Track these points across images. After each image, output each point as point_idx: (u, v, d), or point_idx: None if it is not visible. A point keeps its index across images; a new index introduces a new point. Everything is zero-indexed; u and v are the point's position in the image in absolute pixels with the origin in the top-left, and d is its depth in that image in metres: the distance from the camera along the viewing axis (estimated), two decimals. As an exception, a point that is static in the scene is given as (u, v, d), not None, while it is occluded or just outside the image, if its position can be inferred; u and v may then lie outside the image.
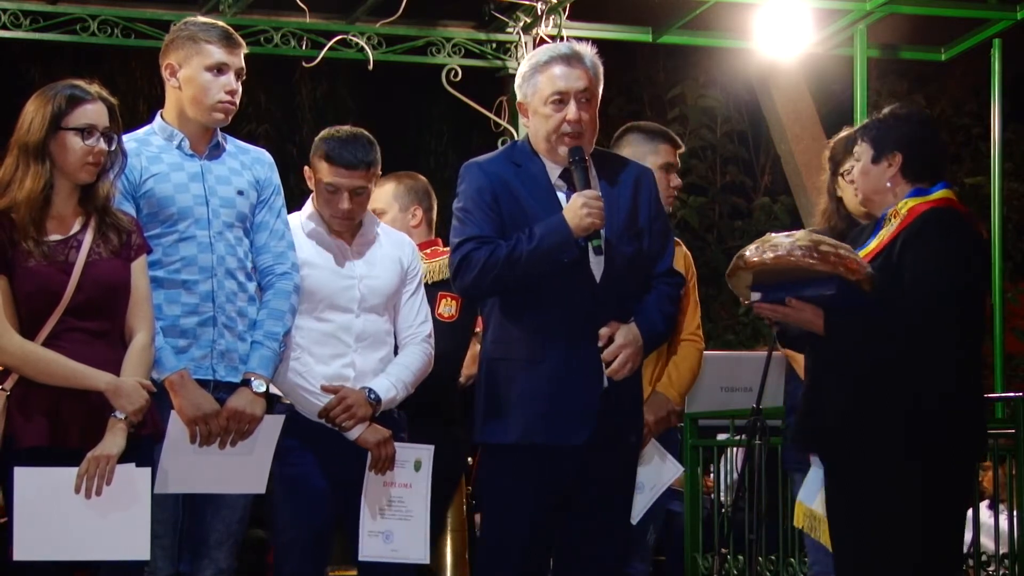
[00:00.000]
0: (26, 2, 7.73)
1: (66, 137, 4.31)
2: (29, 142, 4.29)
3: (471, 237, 4.44)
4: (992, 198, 8.59)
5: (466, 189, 4.52)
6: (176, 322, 4.51)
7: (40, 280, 4.27)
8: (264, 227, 4.69)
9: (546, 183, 4.51)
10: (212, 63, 4.61)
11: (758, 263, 4.37)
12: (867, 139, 4.61)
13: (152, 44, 8.03)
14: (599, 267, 4.45)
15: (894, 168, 4.57)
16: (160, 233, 4.54)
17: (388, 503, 4.80)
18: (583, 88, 4.50)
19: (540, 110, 4.51)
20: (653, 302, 4.54)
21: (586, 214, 4.36)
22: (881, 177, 4.58)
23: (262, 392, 4.53)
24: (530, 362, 4.43)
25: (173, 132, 4.64)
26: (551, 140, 4.49)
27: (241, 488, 4.59)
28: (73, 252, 4.31)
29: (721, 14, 8.50)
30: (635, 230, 4.53)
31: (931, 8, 8.53)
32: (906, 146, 4.57)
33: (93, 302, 4.31)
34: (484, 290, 4.49)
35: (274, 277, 4.67)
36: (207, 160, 4.64)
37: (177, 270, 4.54)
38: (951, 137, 12.59)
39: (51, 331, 4.27)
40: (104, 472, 4.22)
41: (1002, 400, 7.92)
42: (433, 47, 8.30)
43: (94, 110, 4.34)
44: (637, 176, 4.62)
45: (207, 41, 4.62)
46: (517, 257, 4.38)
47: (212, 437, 4.45)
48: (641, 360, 4.49)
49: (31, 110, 4.33)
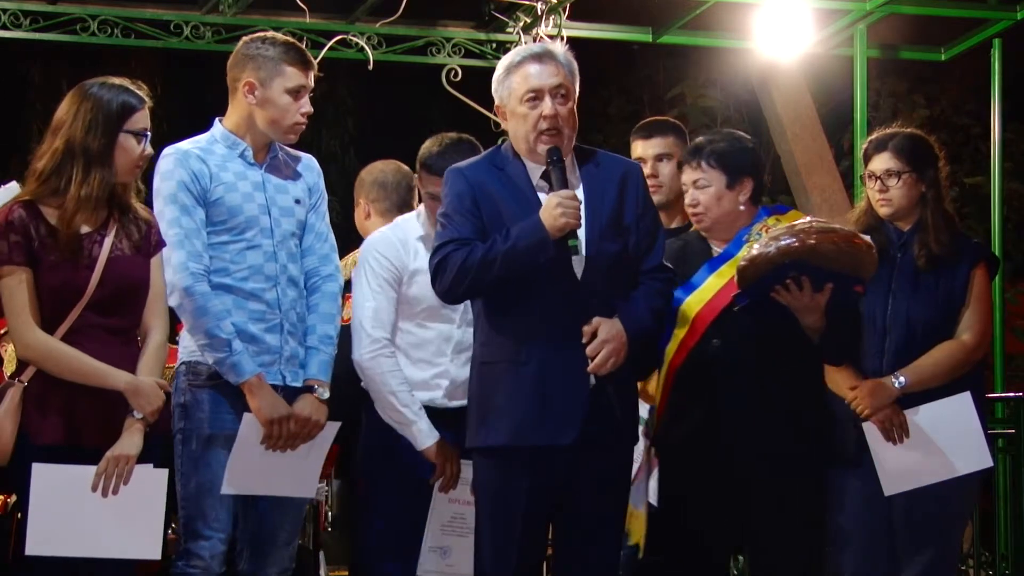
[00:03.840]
0: (26, 2, 7.73)
1: (126, 140, 4.37)
2: (91, 147, 4.32)
3: (449, 240, 4.45)
4: (992, 198, 8.60)
5: (448, 194, 4.53)
6: (245, 328, 4.56)
7: (64, 275, 4.28)
8: (310, 230, 4.77)
9: (527, 185, 4.51)
10: (293, 87, 4.67)
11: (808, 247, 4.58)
12: (717, 165, 4.83)
13: (152, 44, 8.08)
14: (580, 265, 4.44)
15: (746, 193, 4.83)
16: (228, 241, 4.60)
17: (451, 519, 4.87)
18: (557, 84, 4.50)
19: (517, 110, 4.52)
20: (640, 297, 4.52)
21: (560, 214, 4.36)
22: (735, 201, 4.83)
23: (326, 399, 4.61)
24: (515, 364, 4.43)
25: (236, 141, 4.70)
26: (530, 139, 4.49)
27: (295, 492, 4.66)
28: (96, 247, 4.33)
29: (721, 14, 8.51)
30: (620, 227, 4.52)
31: (931, 8, 8.53)
32: (755, 172, 4.87)
33: (114, 298, 4.34)
34: (461, 292, 4.49)
35: (319, 279, 4.74)
36: (266, 170, 4.71)
37: (245, 278, 4.60)
38: (951, 137, 12.58)
39: (70, 326, 4.28)
40: (123, 472, 4.26)
41: (1002, 400, 7.94)
42: (433, 47, 8.31)
43: (145, 116, 4.43)
44: (623, 172, 4.60)
45: (288, 63, 4.67)
46: (493, 258, 4.38)
47: (283, 440, 4.52)
48: (627, 355, 4.47)
49: (80, 112, 4.35)
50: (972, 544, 7.50)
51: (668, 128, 5.53)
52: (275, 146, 4.75)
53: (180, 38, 7.89)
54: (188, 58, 11.10)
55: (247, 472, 4.52)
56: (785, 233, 4.62)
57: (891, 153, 5.07)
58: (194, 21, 7.90)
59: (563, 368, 4.41)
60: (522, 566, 4.48)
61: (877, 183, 5.05)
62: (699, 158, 4.86)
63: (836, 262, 4.62)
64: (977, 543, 7.54)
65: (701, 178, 4.84)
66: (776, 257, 4.59)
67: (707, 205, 4.84)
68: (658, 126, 5.55)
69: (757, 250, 4.63)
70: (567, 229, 4.37)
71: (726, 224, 4.85)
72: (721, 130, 5.00)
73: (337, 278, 4.77)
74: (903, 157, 5.05)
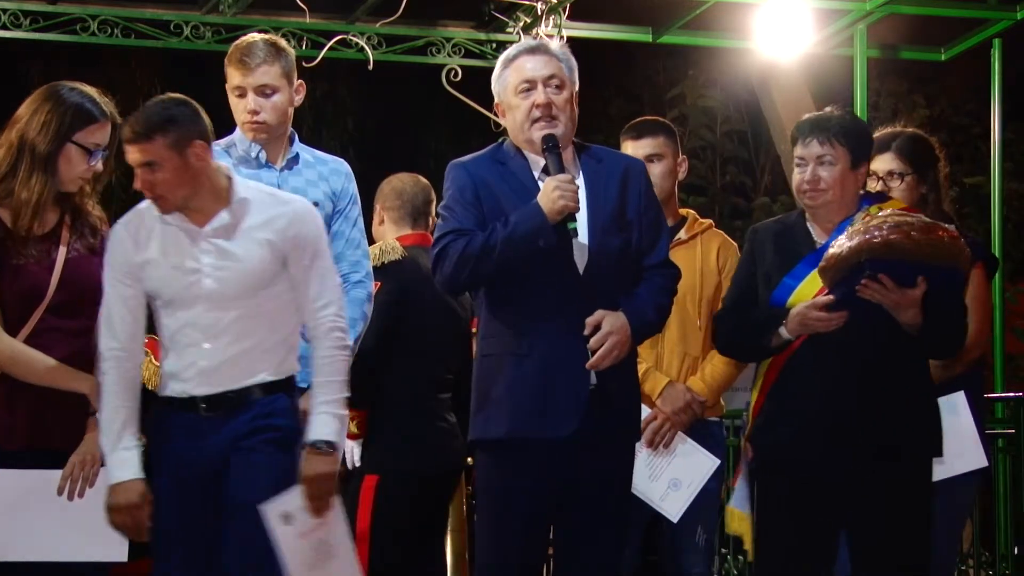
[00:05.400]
0: (26, 2, 7.73)
1: (72, 151, 4.29)
2: (38, 149, 4.26)
3: (449, 231, 4.45)
4: (992, 198, 8.60)
5: (449, 187, 4.53)
6: None
7: (27, 278, 4.25)
8: (339, 236, 4.79)
9: (529, 180, 4.50)
10: (233, 87, 4.76)
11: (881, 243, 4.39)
12: (845, 143, 4.61)
13: (152, 44, 8.07)
14: (583, 259, 4.44)
15: (863, 178, 4.65)
16: None
17: (313, 552, 4.22)
18: (549, 75, 4.50)
19: (512, 102, 4.53)
20: (645, 292, 4.51)
21: (558, 196, 4.35)
22: (857, 183, 4.64)
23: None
24: (516, 356, 4.42)
25: (250, 145, 4.76)
26: (525, 129, 4.50)
27: None
28: (54, 248, 4.29)
29: (721, 14, 8.50)
30: (622, 222, 4.51)
31: (931, 8, 8.52)
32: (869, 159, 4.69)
33: (73, 300, 4.29)
34: (462, 281, 4.48)
35: (348, 285, 4.74)
36: (284, 171, 4.72)
37: None
38: (951, 137, 12.59)
39: (32, 329, 4.25)
40: (88, 475, 4.23)
41: (1002, 400, 7.94)
42: (433, 47, 8.31)
43: (102, 133, 4.33)
44: (626, 168, 4.60)
45: (229, 65, 4.76)
46: (492, 245, 4.37)
47: None
48: (629, 350, 4.46)
49: (41, 111, 4.28)
50: (972, 544, 7.51)
51: (658, 128, 5.48)
52: (296, 148, 4.80)
53: (180, 38, 7.88)
54: (188, 58, 11.09)
55: None
56: (860, 230, 4.45)
57: (894, 154, 5.06)
58: (194, 21, 7.89)
59: (564, 361, 4.40)
60: (522, 566, 4.48)
61: (879, 183, 5.04)
62: (827, 133, 4.59)
63: (919, 254, 4.41)
64: (977, 543, 7.54)
65: (828, 154, 4.58)
66: (850, 256, 4.42)
67: (830, 184, 4.58)
68: (648, 126, 5.49)
69: (834, 249, 4.47)
70: (565, 212, 4.36)
71: (837, 207, 4.62)
72: (839, 108, 4.78)
73: (367, 284, 4.80)
74: (906, 158, 5.05)
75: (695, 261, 5.30)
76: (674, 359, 5.23)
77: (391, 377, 5.44)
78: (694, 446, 5.23)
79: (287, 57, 4.81)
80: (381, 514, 5.40)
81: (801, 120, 4.74)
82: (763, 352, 4.65)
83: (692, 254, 5.30)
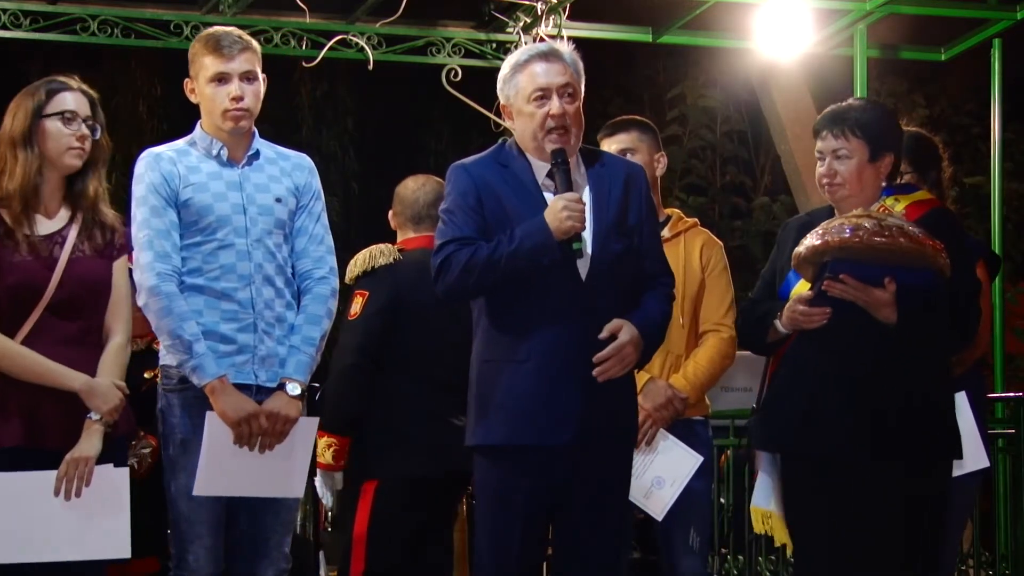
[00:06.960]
0: (26, 2, 7.74)
1: (48, 124, 4.33)
2: (15, 133, 4.32)
3: (452, 239, 4.44)
4: (992, 198, 8.60)
5: (451, 191, 4.53)
6: (216, 328, 4.54)
7: (24, 274, 4.26)
8: (303, 232, 4.74)
9: (532, 183, 4.50)
10: (213, 75, 4.68)
11: (857, 241, 4.32)
12: (862, 135, 4.56)
13: (152, 44, 8.07)
14: (585, 265, 4.44)
15: (886, 169, 4.60)
16: (200, 241, 4.58)
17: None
18: (564, 83, 4.50)
19: (524, 109, 4.51)
20: (652, 301, 4.53)
21: (566, 217, 4.36)
22: (877, 176, 4.60)
23: (297, 395, 4.57)
24: (515, 362, 4.42)
25: (212, 141, 4.70)
26: (537, 138, 4.49)
27: (279, 492, 4.62)
28: (57, 248, 4.31)
29: (721, 14, 8.51)
30: (625, 228, 4.52)
31: (931, 8, 8.53)
32: (897, 148, 4.61)
33: (74, 300, 4.30)
34: (466, 291, 4.48)
35: (312, 282, 4.71)
36: (246, 168, 4.70)
37: (216, 278, 4.57)
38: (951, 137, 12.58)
39: (31, 328, 4.26)
40: (83, 474, 4.24)
41: (1002, 400, 7.94)
42: (433, 47, 8.31)
43: (73, 98, 4.38)
44: (628, 174, 4.61)
45: (206, 54, 4.70)
46: (497, 259, 4.37)
47: (253, 438, 4.50)
48: (636, 362, 4.47)
49: (13, 107, 4.36)
50: (972, 544, 7.51)
51: (631, 124, 5.48)
52: (257, 144, 4.74)
53: (180, 38, 7.88)
54: (188, 58, 11.09)
55: (219, 474, 4.47)
56: (820, 231, 4.42)
57: None
58: (194, 21, 7.89)
59: (564, 367, 4.40)
60: (522, 567, 4.48)
61: None
62: (842, 126, 4.55)
63: (878, 257, 4.36)
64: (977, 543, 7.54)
65: (843, 148, 4.54)
66: (809, 255, 4.43)
67: (847, 178, 4.55)
68: (621, 123, 5.50)
69: (799, 247, 4.46)
70: (572, 232, 4.37)
71: (857, 200, 4.56)
72: (863, 98, 4.66)
73: (330, 280, 4.72)
74: (908, 158, 5.05)
75: (679, 259, 5.28)
76: (656, 356, 5.22)
77: (388, 381, 5.43)
78: (676, 443, 5.20)
79: (256, 47, 4.82)
80: (380, 518, 5.38)
81: (822, 113, 4.70)
82: (765, 345, 4.66)
83: (676, 252, 5.28)
